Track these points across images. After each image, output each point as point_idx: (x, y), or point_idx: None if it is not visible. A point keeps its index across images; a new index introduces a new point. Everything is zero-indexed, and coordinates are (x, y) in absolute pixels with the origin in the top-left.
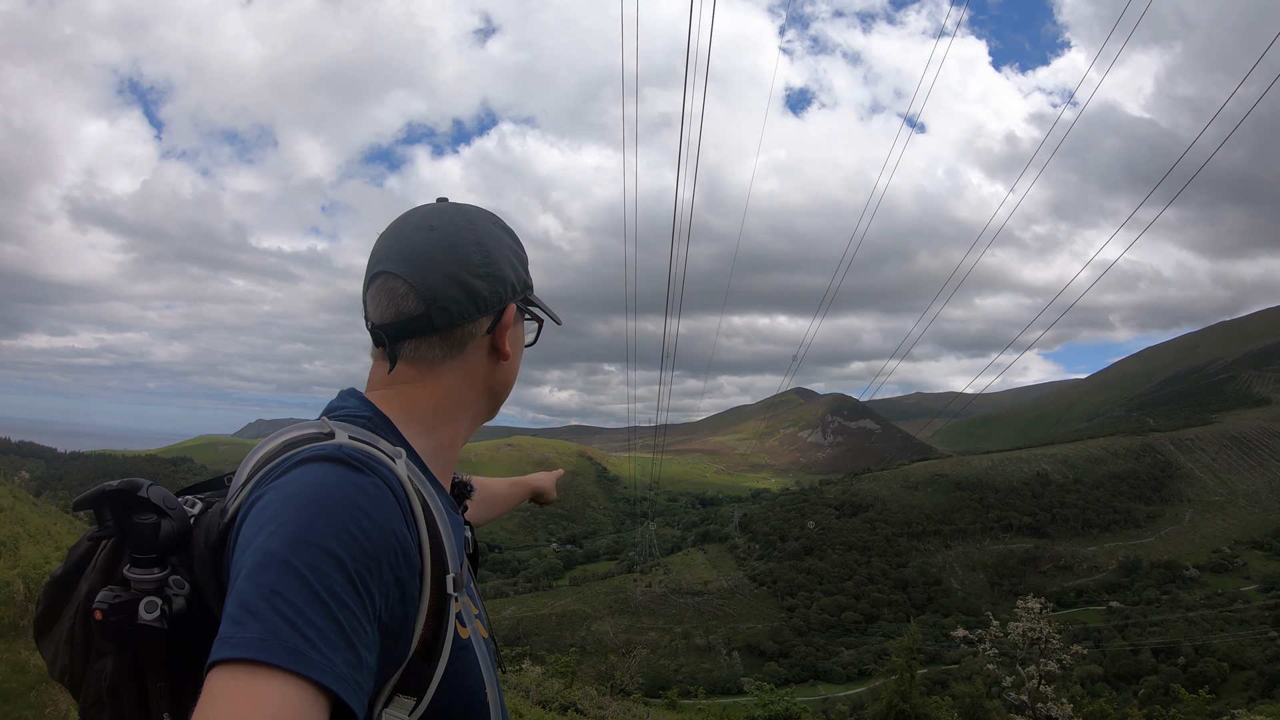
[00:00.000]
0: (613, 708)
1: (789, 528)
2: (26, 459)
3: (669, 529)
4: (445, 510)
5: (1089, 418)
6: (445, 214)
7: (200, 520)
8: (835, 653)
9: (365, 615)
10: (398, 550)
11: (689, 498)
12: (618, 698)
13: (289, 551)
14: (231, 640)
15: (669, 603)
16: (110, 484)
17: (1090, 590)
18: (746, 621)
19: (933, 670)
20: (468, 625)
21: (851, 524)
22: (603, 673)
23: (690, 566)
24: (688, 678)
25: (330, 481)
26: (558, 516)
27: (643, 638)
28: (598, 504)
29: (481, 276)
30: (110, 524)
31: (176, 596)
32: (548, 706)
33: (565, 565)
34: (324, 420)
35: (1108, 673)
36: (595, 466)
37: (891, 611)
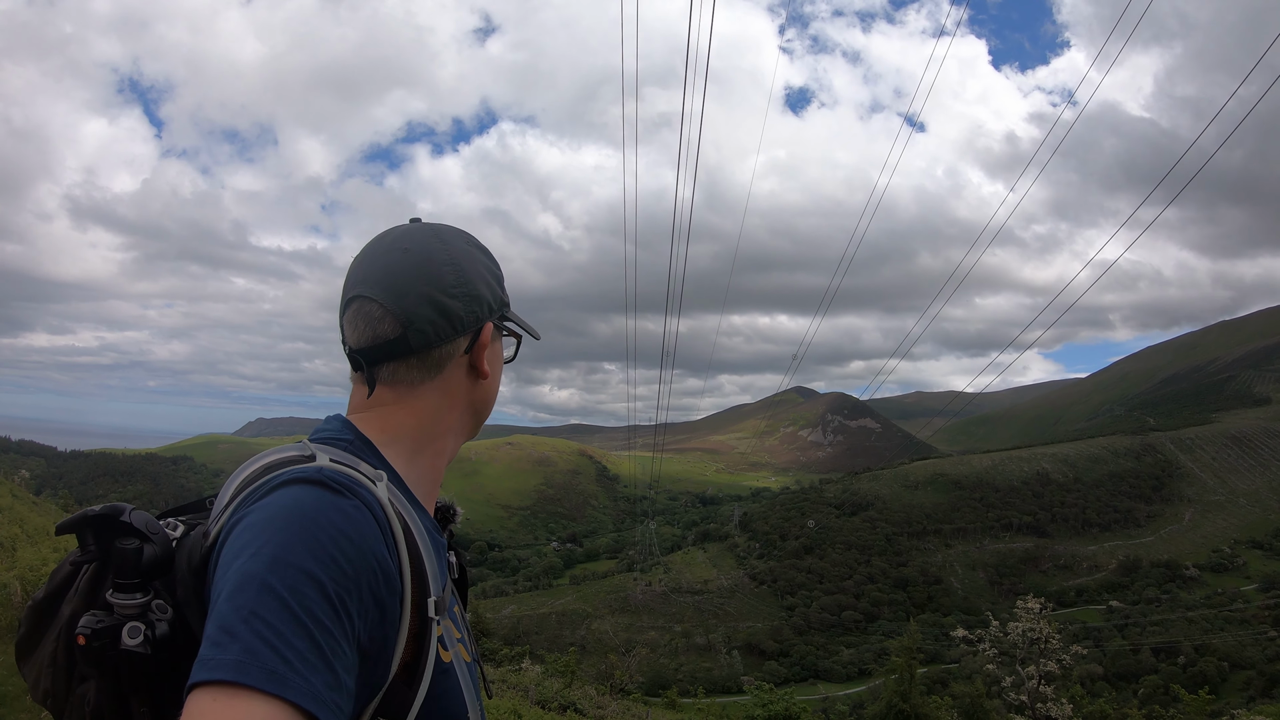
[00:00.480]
0: (612, 707)
1: (789, 526)
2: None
3: (669, 528)
4: (428, 533)
5: (1089, 417)
6: (418, 235)
7: (183, 543)
8: (835, 652)
9: (344, 637)
10: (377, 572)
11: (689, 496)
12: (617, 697)
13: (268, 573)
14: (210, 662)
15: (669, 601)
16: (93, 509)
17: (1090, 589)
18: (746, 620)
19: (932, 670)
20: (450, 649)
21: (852, 523)
22: (602, 672)
23: (690, 565)
24: (688, 677)
25: (310, 503)
26: (558, 515)
27: (643, 636)
28: (598, 503)
29: (457, 297)
30: (93, 548)
31: (160, 621)
32: (547, 706)
33: (565, 564)
34: (305, 443)
35: (1107, 672)
36: (595, 465)
37: (891, 611)
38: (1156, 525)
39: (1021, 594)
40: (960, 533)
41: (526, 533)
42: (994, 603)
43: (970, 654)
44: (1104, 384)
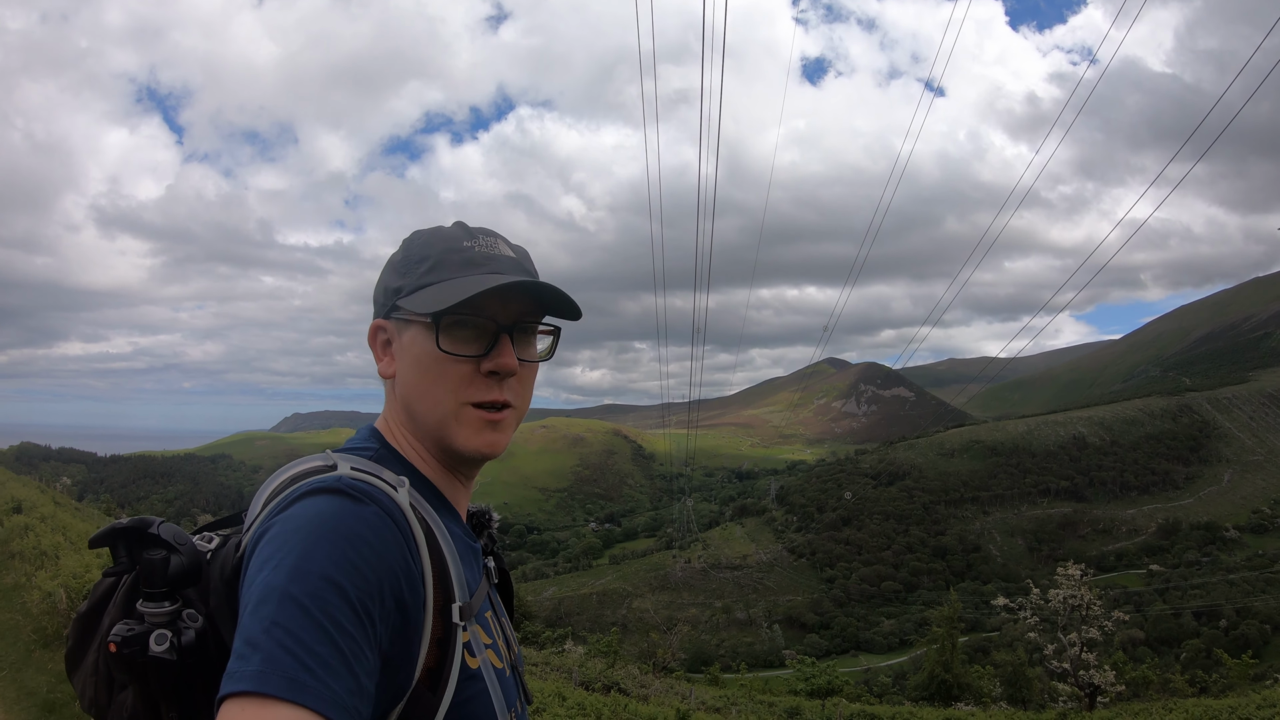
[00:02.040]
0: (655, 686)
1: (826, 499)
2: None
3: (706, 504)
4: (456, 538)
5: (1124, 379)
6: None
7: (217, 555)
8: (876, 623)
9: (366, 642)
10: (400, 578)
11: (725, 472)
12: (660, 675)
13: (290, 583)
14: (235, 675)
15: (709, 578)
16: (120, 522)
17: (1130, 554)
18: (786, 594)
19: (973, 638)
20: (478, 655)
21: (888, 493)
22: (644, 651)
23: (729, 541)
24: (729, 652)
25: (330, 513)
26: (595, 496)
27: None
28: (634, 482)
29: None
30: (124, 560)
31: (187, 629)
32: (590, 687)
33: (604, 544)
34: (329, 453)
35: (1149, 637)
36: (630, 444)
37: (931, 580)
38: (1195, 487)
39: (1061, 560)
40: (998, 499)
41: (564, 514)
42: (1033, 569)
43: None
44: (1138, 345)
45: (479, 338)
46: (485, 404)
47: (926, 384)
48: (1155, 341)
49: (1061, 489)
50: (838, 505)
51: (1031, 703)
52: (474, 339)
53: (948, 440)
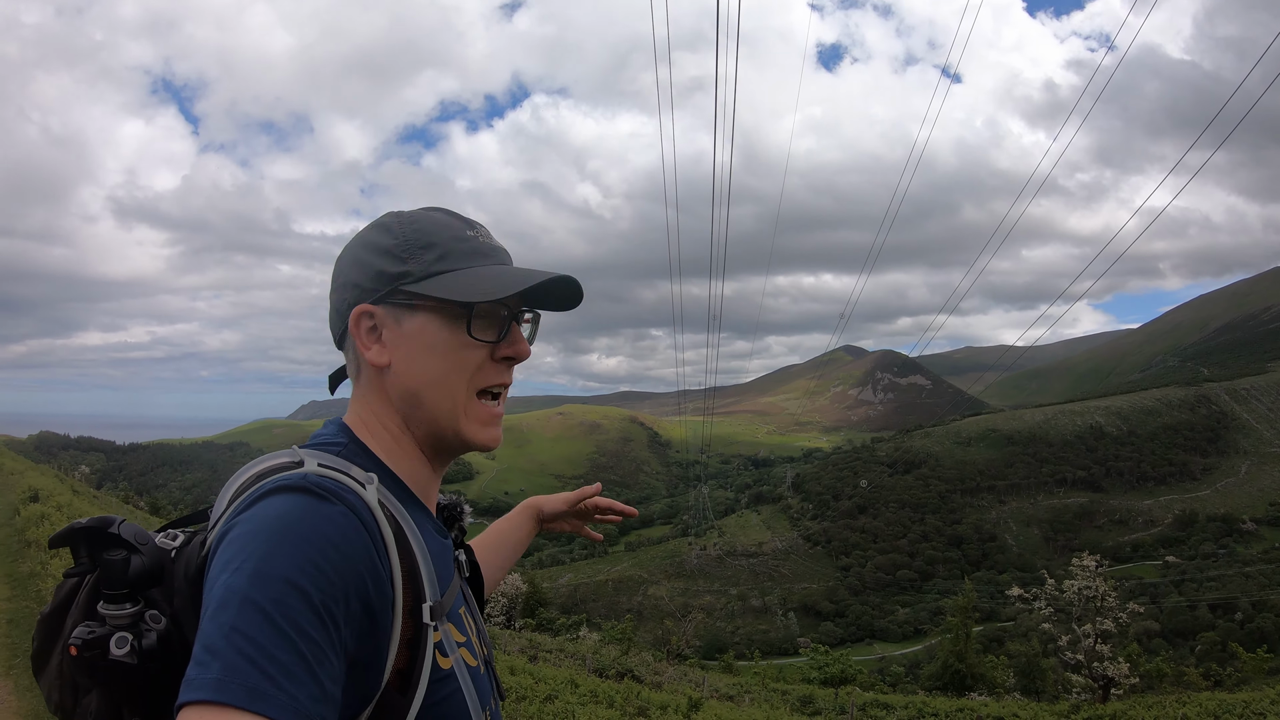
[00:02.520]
0: (669, 673)
1: (842, 486)
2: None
3: (722, 491)
4: (427, 534)
5: (1142, 369)
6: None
7: (181, 554)
8: (891, 611)
9: (330, 646)
10: (366, 579)
11: (741, 459)
12: (674, 662)
13: (250, 587)
14: (194, 682)
15: (724, 565)
16: (80, 521)
17: (1146, 545)
18: (802, 582)
19: (988, 628)
20: (450, 654)
21: (904, 481)
22: (659, 638)
23: (745, 528)
24: (744, 640)
25: (294, 512)
26: (611, 483)
27: (699, 601)
28: (650, 469)
29: (336, 289)
30: (85, 560)
31: (149, 632)
32: (604, 674)
33: (620, 531)
34: (295, 449)
35: (1164, 629)
36: (647, 431)
37: (946, 569)
38: (1212, 478)
39: (1076, 550)
40: (1014, 489)
41: None
42: (1049, 559)
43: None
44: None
45: (492, 325)
46: (494, 389)
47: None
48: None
49: (1078, 479)
50: (854, 493)
51: (1045, 694)
52: (489, 326)
53: (964, 429)
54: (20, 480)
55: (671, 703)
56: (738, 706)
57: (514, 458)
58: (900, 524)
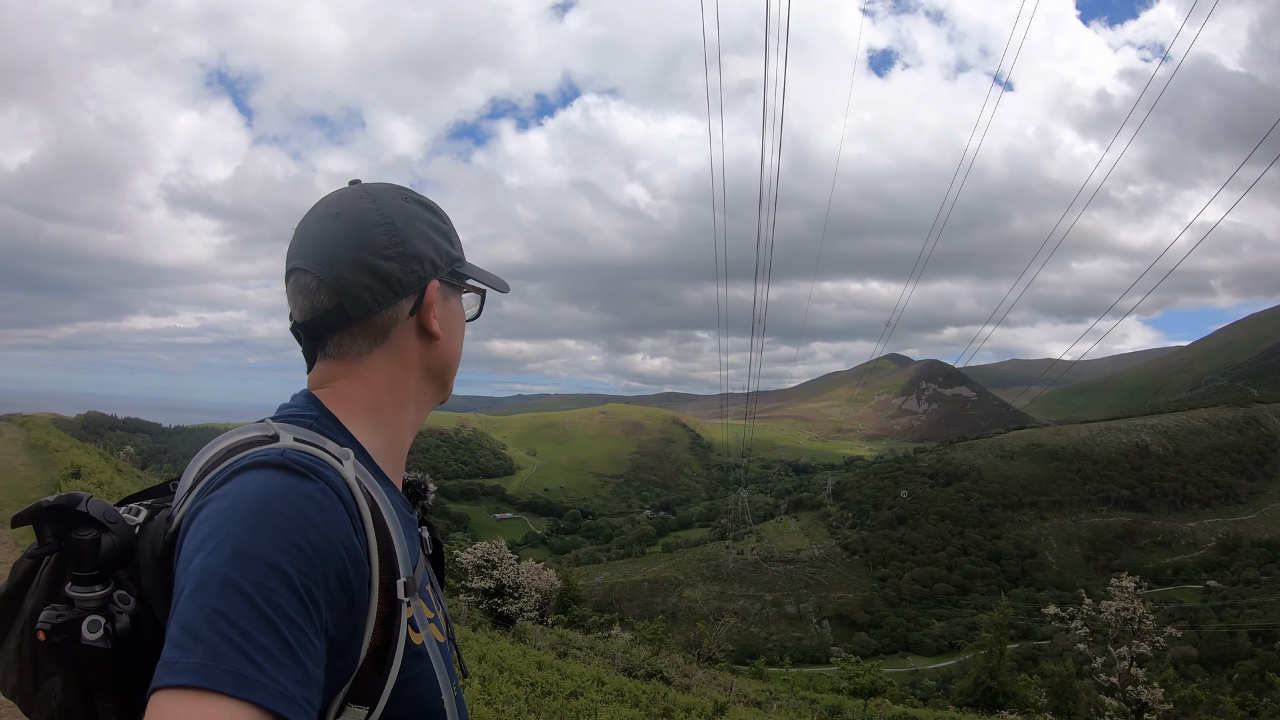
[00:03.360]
0: (698, 676)
1: (882, 496)
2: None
3: (762, 496)
4: (398, 510)
5: (1190, 387)
6: (349, 198)
7: (145, 529)
8: (926, 624)
9: (312, 629)
10: (345, 559)
11: (782, 465)
12: (704, 665)
13: (231, 568)
14: (174, 665)
15: (760, 570)
16: (47, 499)
17: (1188, 568)
18: (838, 590)
19: (1023, 646)
20: (421, 630)
21: (945, 493)
22: (691, 640)
23: (783, 534)
24: (777, 646)
25: (273, 490)
26: (652, 483)
27: (733, 605)
28: (691, 471)
29: (392, 258)
30: (50, 540)
31: (121, 614)
32: (633, 673)
33: (658, 532)
34: (268, 422)
35: (1202, 655)
36: (689, 433)
37: (984, 584)
38: (1259, 502)
39: (1117, 570)
40: (1056, 505)
41: (620, 500)
42: (1089, 578)
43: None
44: (1206, 353)
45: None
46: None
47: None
48: (1224, 350)
49: (1121, 498)
50: (894, 503)
51: (1077, 716)
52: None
53: (1008, 442)
54: (64, 458)
55: (697, 705)
56: (765, 713)
57: (554, 454)
58: (939, 536)
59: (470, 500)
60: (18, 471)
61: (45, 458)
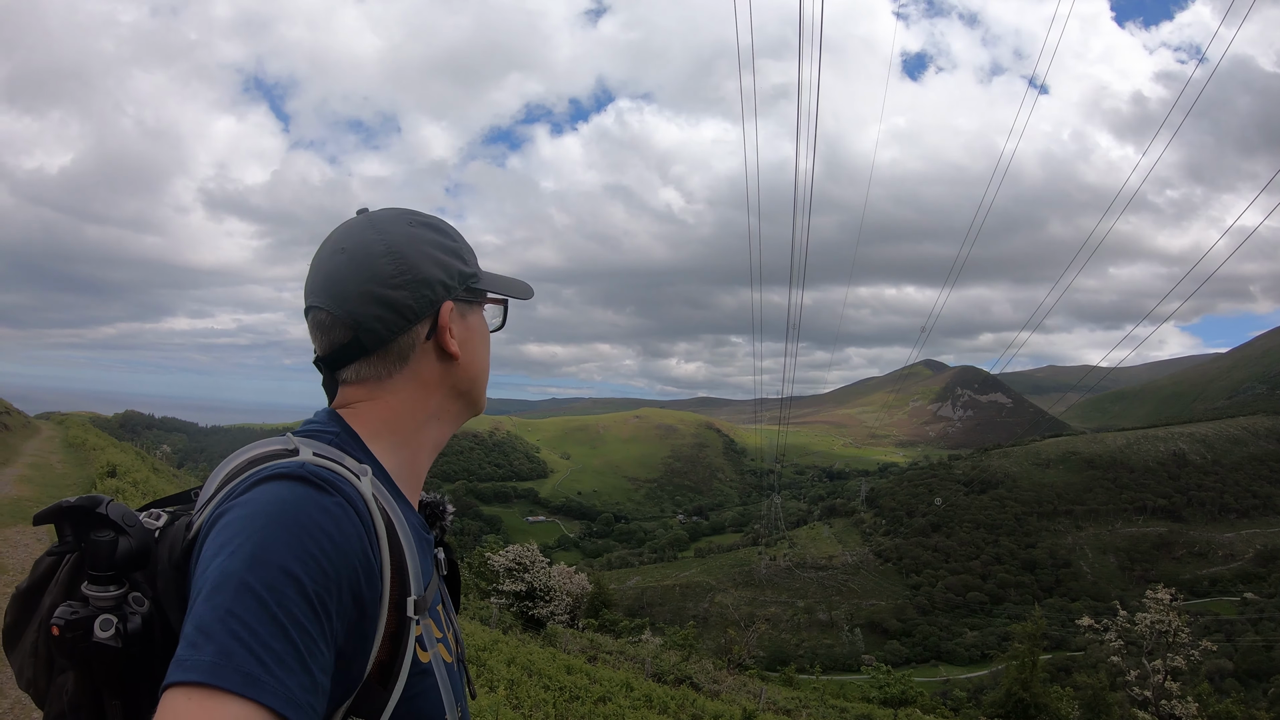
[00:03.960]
0: (728, 682)
1: (916, 503)
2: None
3: (795, 502)
4: (413, 529)
5: (1229, 395)
6: (354, 231)
7: (165, 535)
8: (959, 633)
9: (322, 637)
10: (359, 572)
11: (816, 470)
12: (734, 672)
13: (247, 572)
14: (186, 663)
15: (793, 577)
16: (68, 500)
17: (1224, 580)
18: (870, 598)
19: (1057, 656)
20: (429, 649)
21: (980, 501)
22: (722, 646)
23: (815, 540)
24: (808, 653)
25: (291, 500)
26: (685, 488)
27: (764, 611)
28: (724, 476)
29: (401, 286)
30: (70, 539)
31: (133, 615)
32: (662, 679)
33: (691, 537)
34: (290, 436)
35: (1237, 669)
36: (722, 438)
37: (1018, 593)
38: None
39: (1153, 581)
40: (1092, 514)
41: (653, 505)
42: (1124, 589)
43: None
44: (1245, 360)
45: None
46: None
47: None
48: (1263, 357)
49: (1158, 507)
50: (928, 511)
51: None
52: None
53: (1044, 450)
54: (101, 456)
55: (726, 712)
56: None
57: (588, 458)
58: (973, 545)
59: (503, 503)
60: (55, 469)
61: (82, 455)
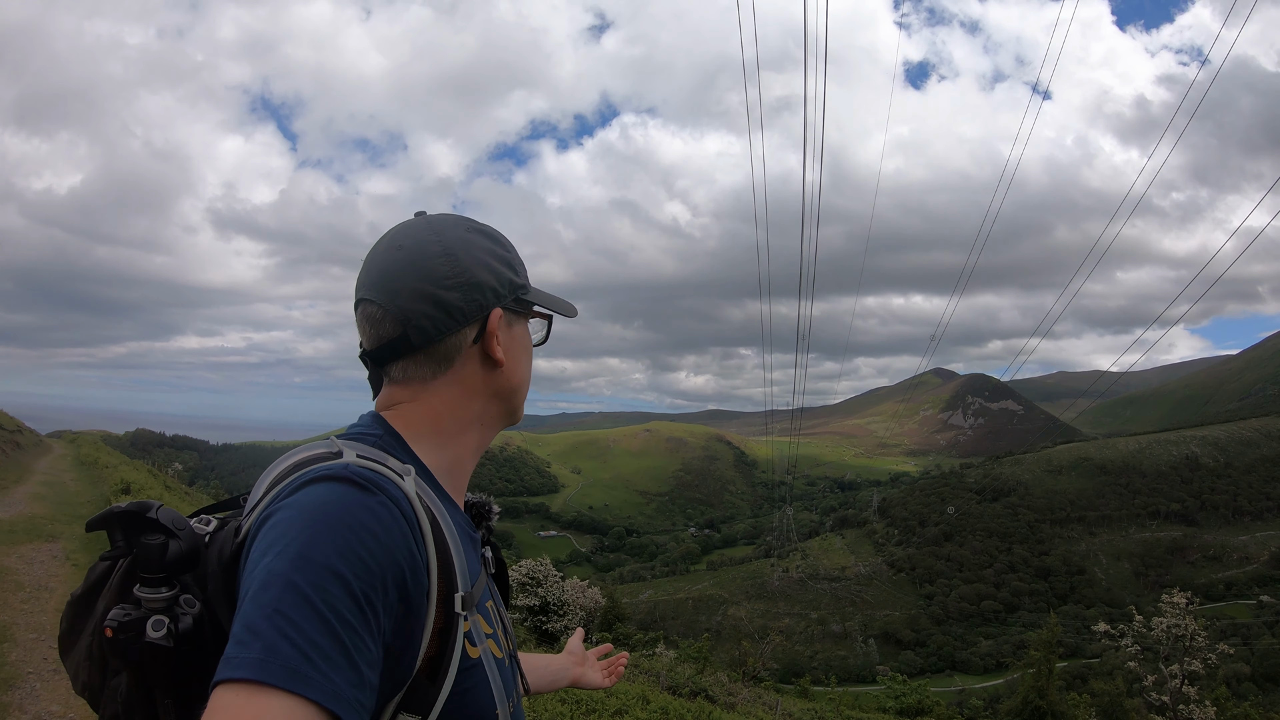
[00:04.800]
0: (743, 694)
1: (928, 513)
2: (180, 451)
3: (807, 513)
4: (458, 528)
5: (1240, 397)
6: (412, 230)
7: (214, 539)
8: (973, 643)
9: (369, 633)
10: (404, 569)
11: (827, 481)
12: (749, 684)
13: (293, 571)
14: (234, 660)
15: (806, 588)
16: (119, 505)
17: (1240, 583)
18: (884, 609)
19: (1072, 664)
20: (478, 645)
21: (993, 509)
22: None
23: (828, 552)
24: (822, 665)
25: (336, 501)
26: (696, 501)
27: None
28: (735, 488)
29: (453, 288)
30: (121, 544)
31: (185, 616)
32: (677, 692)
33: (703, 550)
34: (333, 440)
35: (1255, 672)
36: (733, 450)
37: (1032, 601)
38: None
39: (1168, 586)
40: (1105, 520)
41: (665, 518)
42: (1139, 595)
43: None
44: (1256, 361)
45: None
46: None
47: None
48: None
49: (1172, 512)
50: (940, 520)
51: None
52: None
53: (1055, 456)
54: (113, 474)
55: None
56: None
57: (598, 472)
58: (987, 553)
59: (515, 518)
60: (68, 487)
61: (95, 474)
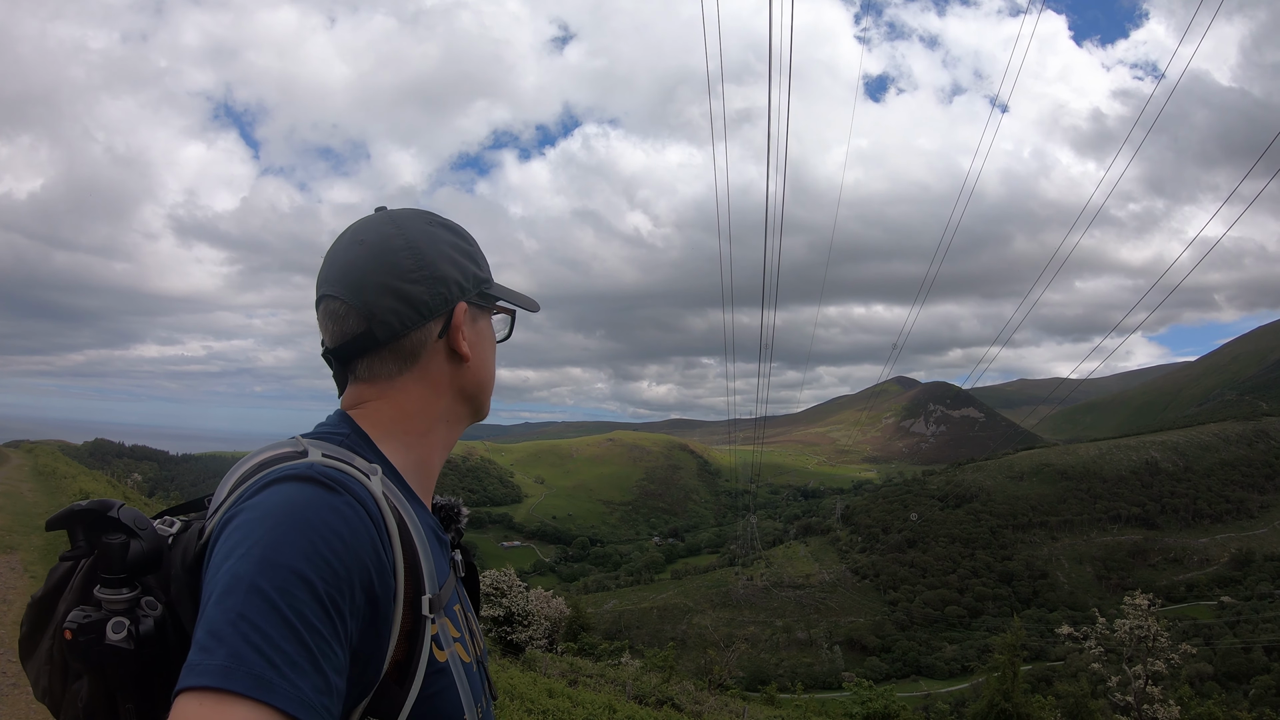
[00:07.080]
0: (710, 702)
1: (892, 520)
2: (140, 462)
3: (770, 521)
4: (426, 529)
5: (1198, 403)
6: (374, 225)
7: (179, 540)
8: (938, 648)
9: (335, 638)
10: (370, 571)
11: (790, 490)
12: (715, 692)
13: (257, 574)
14: (198, 668)
15: (770, 596)
16: (80, 504)
17: (1200, 584)
18: (848, 615)
19: (1037, 667)
20: (446, 648)
21: (955, 515)
22: (701, 667)
23: (792, 559)
24: (788, 672)
25: (301, 501)
26: (659, 510)
27: (743, 631)
28: (699, 497)
29: (417, 281)
30: (82, 544)
31: (146, 618)
32: (644, 701)
33: (667, 559)
34: (298, 439)
35: (1217, 671)
36: (696, 459)
37: (996, 606)
38: (1271, 516)
39: (1129, 589)
40: (1067, 525)
41: (628, 528)
42: (1101, 597)
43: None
44: (1213, 367)
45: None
46: None
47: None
48: (1231, 364)
49: (1132, 515)
50: (903, 526)
51: None
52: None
53: (1017, 463)
54: (72, 484)
55: None
56: None
57: (561, 481)
58: (950, 559)
59: (478, 528)
60: (25, 497)
61: (53, 484)
